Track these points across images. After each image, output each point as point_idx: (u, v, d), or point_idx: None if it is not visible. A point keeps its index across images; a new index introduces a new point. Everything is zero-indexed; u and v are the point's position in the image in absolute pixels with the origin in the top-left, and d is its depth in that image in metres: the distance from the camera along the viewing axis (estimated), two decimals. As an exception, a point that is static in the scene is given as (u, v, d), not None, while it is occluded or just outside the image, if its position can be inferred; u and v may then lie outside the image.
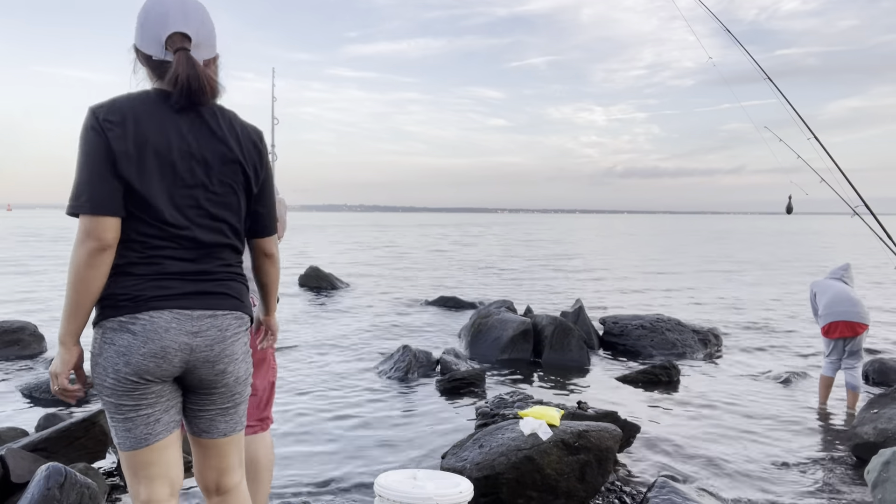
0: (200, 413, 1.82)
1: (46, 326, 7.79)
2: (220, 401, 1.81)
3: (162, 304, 1.67)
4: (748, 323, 9.66)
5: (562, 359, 6.97)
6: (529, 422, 3.47)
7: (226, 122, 1.80)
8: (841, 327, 5.16)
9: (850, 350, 5.24)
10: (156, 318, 1.66)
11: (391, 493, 2.54)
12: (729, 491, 3.69)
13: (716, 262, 21.75)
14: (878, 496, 2.99)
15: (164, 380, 1.71)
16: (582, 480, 3.39)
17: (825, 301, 5.27)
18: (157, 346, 1.66)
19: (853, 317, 5.14)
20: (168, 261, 1.71)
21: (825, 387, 5.42)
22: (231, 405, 1.84)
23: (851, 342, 5.20)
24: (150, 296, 1.67)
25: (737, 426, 4.91)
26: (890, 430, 4.03)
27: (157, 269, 1.69)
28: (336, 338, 8.04)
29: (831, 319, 5.20)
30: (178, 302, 1.69)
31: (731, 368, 6.82)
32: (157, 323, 1.66)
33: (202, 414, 1.82)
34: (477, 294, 12.34)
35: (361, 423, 4.81)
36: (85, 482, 2.88)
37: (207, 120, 1.77)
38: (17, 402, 5.17)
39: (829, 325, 5.22)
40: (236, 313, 1.80)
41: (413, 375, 6.15)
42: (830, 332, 5.23)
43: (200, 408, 1.82)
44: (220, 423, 1.84)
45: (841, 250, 28.77)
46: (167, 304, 1.68)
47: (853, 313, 5.15)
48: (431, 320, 9.56)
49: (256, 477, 2.49)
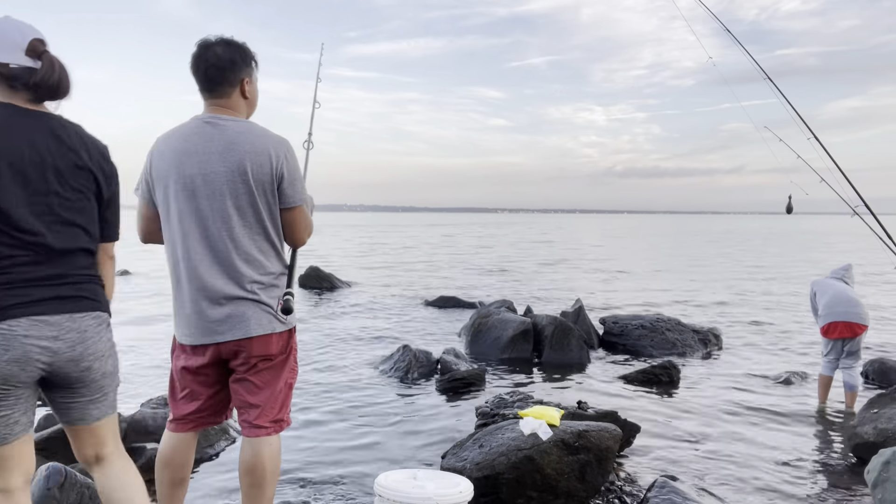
0: (73, 405, 1.97)
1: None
2: (89, 393, 1.96)
3: (19, 313, 1.77)
4: (748, 323, 9.66)
5: (562, 358, 6.97)
6: (529, 422, 3.47)
7: (73, 132, 1.93)
8: (840, 328, 5.16)
9: (848, 350, 5.23)
10: (14, 326, 1.76)
11: (391, 493, 2.54)
12: (729, 491, 3.69)
13: (716, 262, 21.75)
14: (878, 496, 2.99)
15: (27, 384, 1.83)
16: (582, 480, 3.39)
17: (825, 301, 5.26)
18: (18, 353, 1.76)
19: (853, 317, 5.13)
20: (23, 268, 1.80)
21: (824, 386, 5.42)
22: (100, 395, 1.99)
23: (850, 342, 5.20)
24: (7, 304, 1.76)
25: (737, 426, 4.91)
26: (890, 430, 4.03)
27: (11, 278, 1.78)
28: (336, 338, 8.04)
29: (831, 319, 5.19)
30: (34, 308, 1.79)
31: (730, 368, 6.82)
32: (15, 331, 1.75)
33: (74, 405, 1.97)
34: (477, 294, 12.34)
35: (361, 423, 4.81)
36: (85, 482, 2.89)
37: (56, 130, 1.89)
38: (18, 402, 5.16)
39: (828, 325, 5.22)
40: (94, 313, 1.93)
41: (413, 375, 6.15)
42: (830, 332, 5.23)
43: (71, 401, 1.96)
44: (92, 410, 1.99)
45: (840, 250, 28.76)
46: (24, 312, 1.77)
47: (853, 314, 5.14)
48: (431, 320, 9.57)
49: (261, 482, 2.39)
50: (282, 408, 2.49)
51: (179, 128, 2.41)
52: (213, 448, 4.13)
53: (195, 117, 2.42)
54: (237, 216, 2.34)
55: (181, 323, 2.40)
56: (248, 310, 2.36)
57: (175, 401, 2.50)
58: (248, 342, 2.36)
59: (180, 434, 2.49)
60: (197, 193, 2.32)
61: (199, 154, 2.33)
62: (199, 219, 2.33)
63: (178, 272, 2.38)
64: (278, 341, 2.43)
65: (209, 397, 2.48)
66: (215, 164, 2.32)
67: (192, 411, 2.47)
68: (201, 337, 2.36)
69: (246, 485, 2.41)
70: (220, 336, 2.34)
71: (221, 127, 2.36)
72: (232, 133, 2.35)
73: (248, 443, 2.43)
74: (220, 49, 2.37)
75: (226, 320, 2.34)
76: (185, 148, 2.34)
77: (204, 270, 2.34)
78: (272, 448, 2.43)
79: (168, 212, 2.37)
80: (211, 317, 2.34)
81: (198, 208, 2.33)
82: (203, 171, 2.31)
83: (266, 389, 2.44)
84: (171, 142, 2.36)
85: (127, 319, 9.01)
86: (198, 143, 2.33)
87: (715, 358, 7.34)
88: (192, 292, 2.35)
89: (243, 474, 2.41)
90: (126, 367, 6.31)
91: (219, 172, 2.32)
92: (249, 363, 2.39)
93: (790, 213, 4.05)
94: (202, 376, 2.44)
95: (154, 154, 2.39)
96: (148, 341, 7.53)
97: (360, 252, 25.07)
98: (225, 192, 2.32)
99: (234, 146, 2.33)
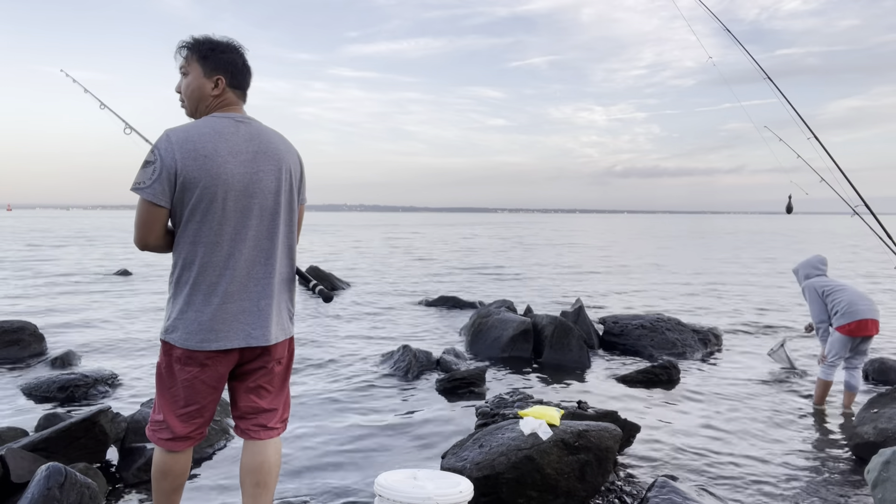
0: None
1: (47, 327, 7.80)
2: None
3: None
4: (748, 322, 9.66)
5: (562, 358, 6.97)
6: (529, 421, 3.47)
7: None
8: (869, 325, 5.03)
9: (860, 349, 5.14)
10: None
11: (391, 492, 2.54)
12: (729, 491, 3.69)
13: (716, 262, 21.74)
14: (878, 496, 2.99)
15: None
16: (582, 480, 3.39)
17: (847, 298, 5.09)
18: None
19: (876, 314, 5.05)
20: None
21: (825, 390, 5.34)
22: None
23: (867, 341, 5.11)
24: None
25: (737, 426, 4.91)
26: (890, 430, 4.02)
27: None
28: (335, 337, 8.04)
29: (860, 317, 5.02)
30: None
31: (731, 368, 6.81)
32: None
33: None
34: (477, 294, 12.34)
35: (361, 423, 4.81)
36: (85, 482, 2.88)
37: None
38: (17, 402, 5.16)
39: (857, 323, 5.02)
40: None
41: (413, 375, 6.15)
42: (858, 329, 5.03)
43: None
44: None
45: (842, 248, 28.76)
46: None
47: (875, 311, 5.05)
48: (431, 320, 9.56)
49: (266, 481, 2.39)
50: (286, 407, 2.54)
51: (209, 125, 2.28)
52: (212, 448, 4.13)
53: (221, 116, 2.32)
54: (284, 215, 2.38)
55: (210, 328, 2.24)
56: (283, 313, 2.40)
57: (173, 417, 2.33)
58: (273, 346, 2.37)
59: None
60: (247, 192, 2.27)
61: (246, 154, 2.28)
62: (250, 219, 2.28)
63: (217, 275, 2.25)
64: (290, 344, 2.50)
65: (212, 410, 2.41)
66: (262, 163, 2.31)
67: (196, 428, 2.38)
68: (237, 340, 2.28)
69: (251, 484, 2.40)
70: (254, 340, 2.30)
71: (255, 127, 2.37)
72: (267, 133, 2.38)
73: (255, 444, 2.43)
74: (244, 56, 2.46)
75: (266, 323, 2.32)
76: (228, 147, 2.25)
77: (252, 272, 2.29)
78: (277, 447, 2.47)
79: (210, 213, 2.22)
80: (250, 320, 2.29)
81: (248, 208, 2.27)
82: (252, 171, 2.28)
83: (278, 393, 2.46)
84: (211, 141, 2.23)
85: (127, 319, 9.01)
86: (241, 142, 2.29)
87: (715, 358, 7.33)
88: (235, 294, 2.27)
89: (248, 474, 2.41)
90: (126, 367, 6.31)
91: (267, 171, 2.31)
92: (267, 367, 2.39)
93: (790, 212, 4.05)
94: (214, 386, 2.34)
95: (186, 152, 2.19)
96: (148, 341, 7.52)
97: (360, 252, 25.06)
98: (274, 191, 2.33)
99: (274, 147, 2.36)
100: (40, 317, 8.81)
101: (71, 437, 3.54)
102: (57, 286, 12.66)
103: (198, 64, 2.36)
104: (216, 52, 2.35)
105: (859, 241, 34.45)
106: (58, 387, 5.29)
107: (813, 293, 5.33)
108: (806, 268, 5.50)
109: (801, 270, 5.54)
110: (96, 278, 14.43)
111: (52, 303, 10.48)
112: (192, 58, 2.37)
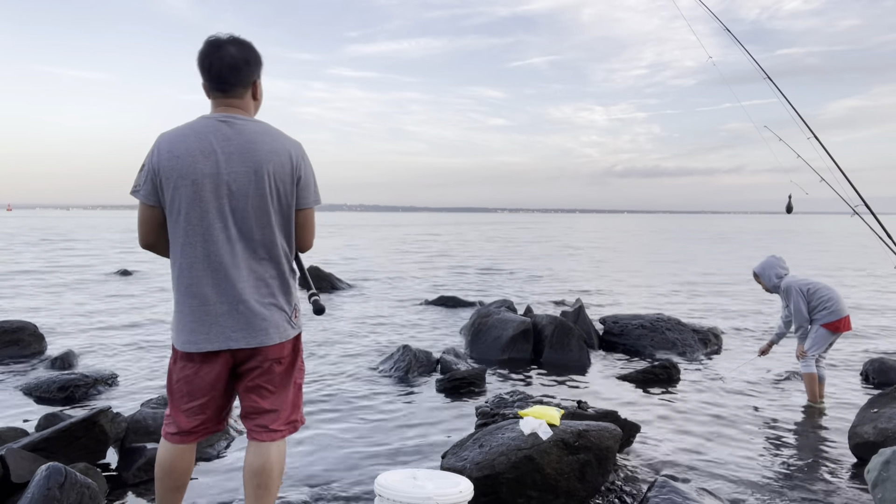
0: None
1: (46, 327, 7.80)
2: None
3: None
4: (748, 322, 9.66)
5: (562, 358, 6.97)
6: (529, 421, 3.47)
7: None
8: (849, 322, 5.32)
9: (832, 345, 5.46)
10: None
11: (391, 492, 2.54)
12: (729, 491, 3.69)
13: (716, 262, 21.74)
14: (878, 496, 2.99)
15: None
16: (582, 480, 3.39)
17: (830, 296, 5.30)
18: None
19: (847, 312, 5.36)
20: None
21: (815, 383, 5.42)
22: None
23: (839, 336, 5.39)
24: None
25: (737, 425, 4.91)
26: (890, 430, 4.02)
27: None
28: (336, 338, 8.04)
29: (844, 314, 5.27)
30: None
31: (731, 368, 6.81)
32: None
33: None
34: (477, 294, 12.34)
35: (361, 423, 4.81)
36: (85, 482, 2.88)
37: None
38: (17, 402, 5.16)
39: (841, 321, 5.27)
40: None
41: (413, 375, 6.15)
42: (842, 326, 5.29)
43: None
44: None
45: (840, 248, 28.75)
46: None
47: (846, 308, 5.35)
48: (431, 320, 9.56)
49: (268, 483, 2.39)
50: (294, 409, 2.49)
51: (190, 126, 2.31)
52: (213, 448, 4.13)
53: (206, 116, 2.34)
54: (259, 217, 2.31)
55: (192, 329, 2.29)
56: (269, 315, 2.35)
57: (179, 412, 2.40)
58: (266, 347, 2.35)
59: (183, 444, 2.44)
60: (217, 194, 2.25)
61: (218, 154, 2.26)
62: (220, 220, 2.26)
63: (192, 276, 2.28)
64: (289, 344, 2.46)
65: (218, 406, 2.44)
66: (236, 163, 2.26)
67: (200, 423, 2.42)
68: (217, 343, 2.29)
69: (253, 486, 2.40)
70: (234, 342, 2.29)
71: (239, 127, 2.31)
72: (250, 133, 2.31)
73: (258, 445, 2.42)
74: (233, 49, 2.32)
75: (245, 326, 2.30)
76: (201, 147, 2.26)
77: (225, 274, 2.27)
78: (280, 449, 2.45)
79: (182, 213, 2.26)
80: (228, 322, 2.28)
81: (219, 209, 2.26)
82: (223, 171, 2.25)
83: (279, 393, 2.44)
84: (185, 141, 2.26)
85: (127, 319, 9.01)
86: (215, 142, 2.27)
87: (715, 358, 7.34)
88: (210, 296, 2.27)
89: (250, 476, 2.40)
90: (126, 367, 6.31)
91: (240, 172, 2.26)
92: (263, 367, 2.37)
93: (790, 212, 4.07)
94: (212, 384, 2.36)
95: (162, 153, 2.26)
96: (148, 341, 7.52)
97: (359, 252, 25.05)
98: (247, 193, 2.27)
99: (255, 146, 2.29)
100: (40, 317, 8.82)
101: (71, 437, 3.54)
102: (57, 286, 12.67)
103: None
104: (198, 60, 2.35)
105: (865, 241, 34.45)
106: (58, 387, 5.29)
107: (797, 293, 5.40)
108: (774, 268, 5.62)
109: (769, 271, 5.65)
110: (96, 278, 14.44)
111: (52, 302, 10.48)
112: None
